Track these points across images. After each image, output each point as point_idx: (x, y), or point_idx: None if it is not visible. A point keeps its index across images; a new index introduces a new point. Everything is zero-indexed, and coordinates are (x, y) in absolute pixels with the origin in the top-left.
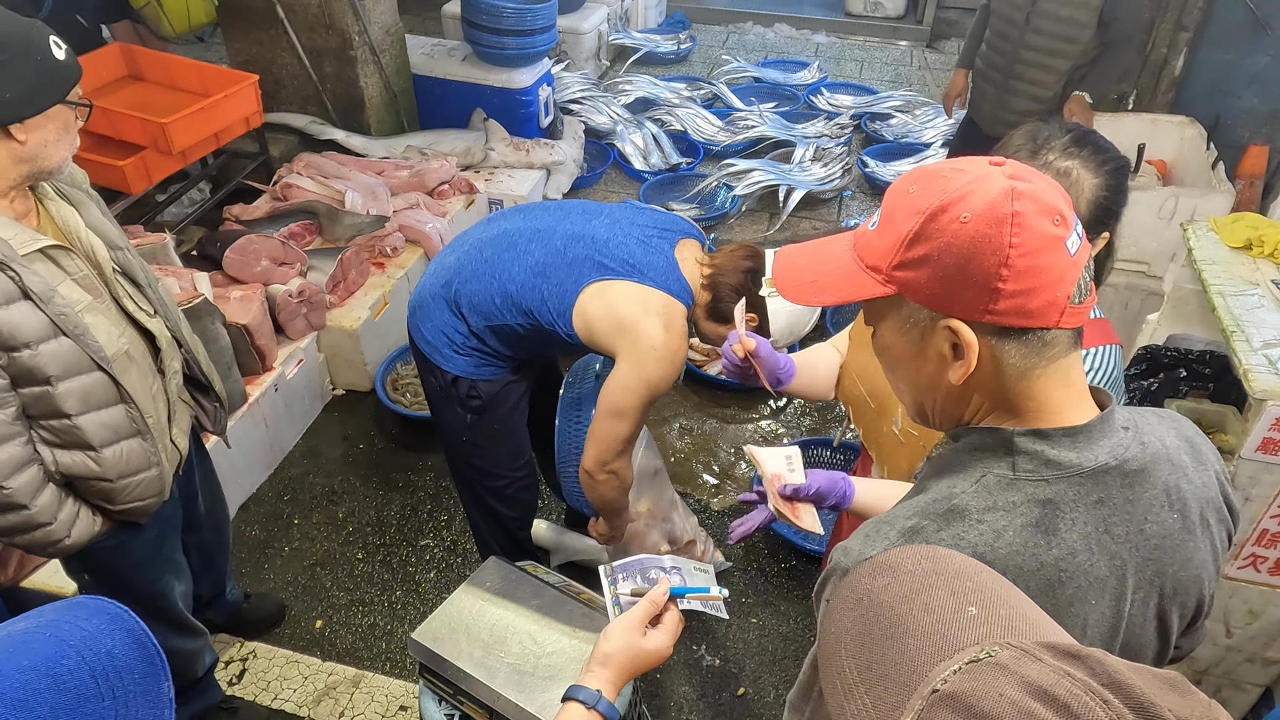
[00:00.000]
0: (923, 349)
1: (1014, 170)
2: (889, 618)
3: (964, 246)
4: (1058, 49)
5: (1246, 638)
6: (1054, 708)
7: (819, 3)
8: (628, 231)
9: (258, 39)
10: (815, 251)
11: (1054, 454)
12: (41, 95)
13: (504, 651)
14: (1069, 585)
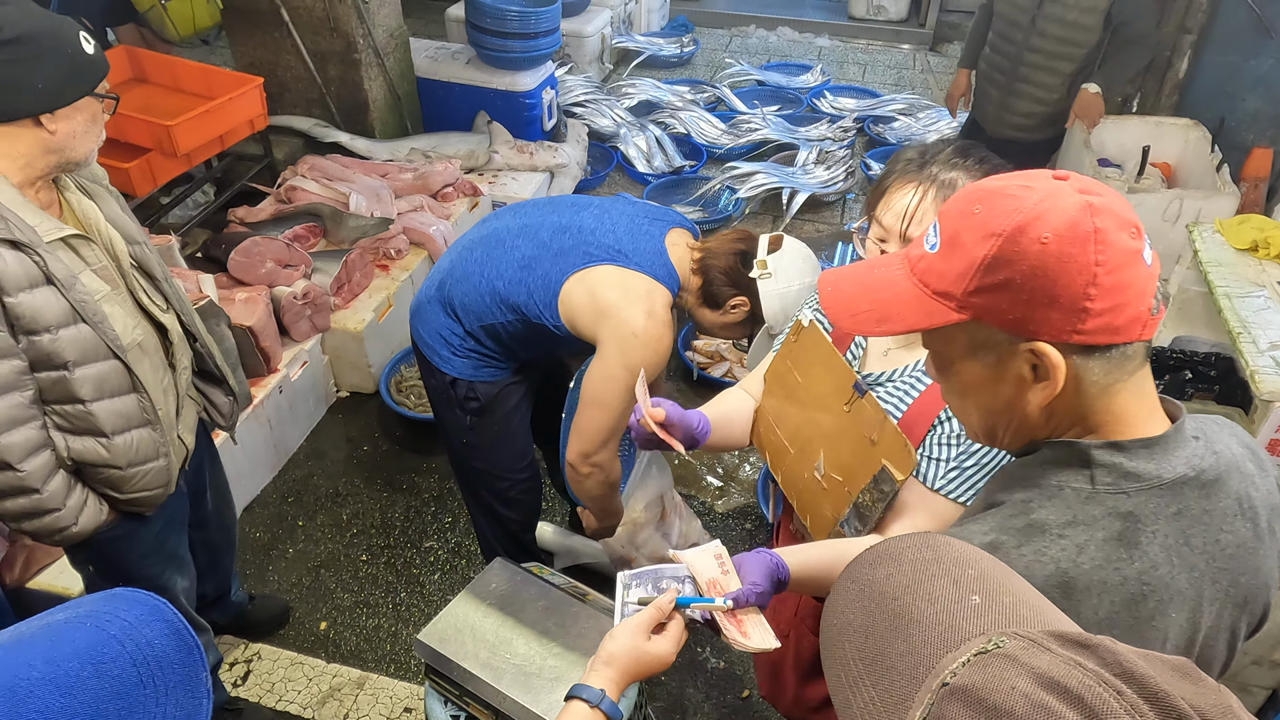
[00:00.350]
0: (1000, 373)
1: (1082, 184)
2: (893, 609)
3: (1049, 268)
4: (1063, 52)
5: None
6: (1067, 700)
7: (821, 6)
8: (616, 220)
9: (262, 42)
10: (864, 278)
11: (1132, 466)
12: (71, 87)
13: (510, 652)
14: (1151, 599)
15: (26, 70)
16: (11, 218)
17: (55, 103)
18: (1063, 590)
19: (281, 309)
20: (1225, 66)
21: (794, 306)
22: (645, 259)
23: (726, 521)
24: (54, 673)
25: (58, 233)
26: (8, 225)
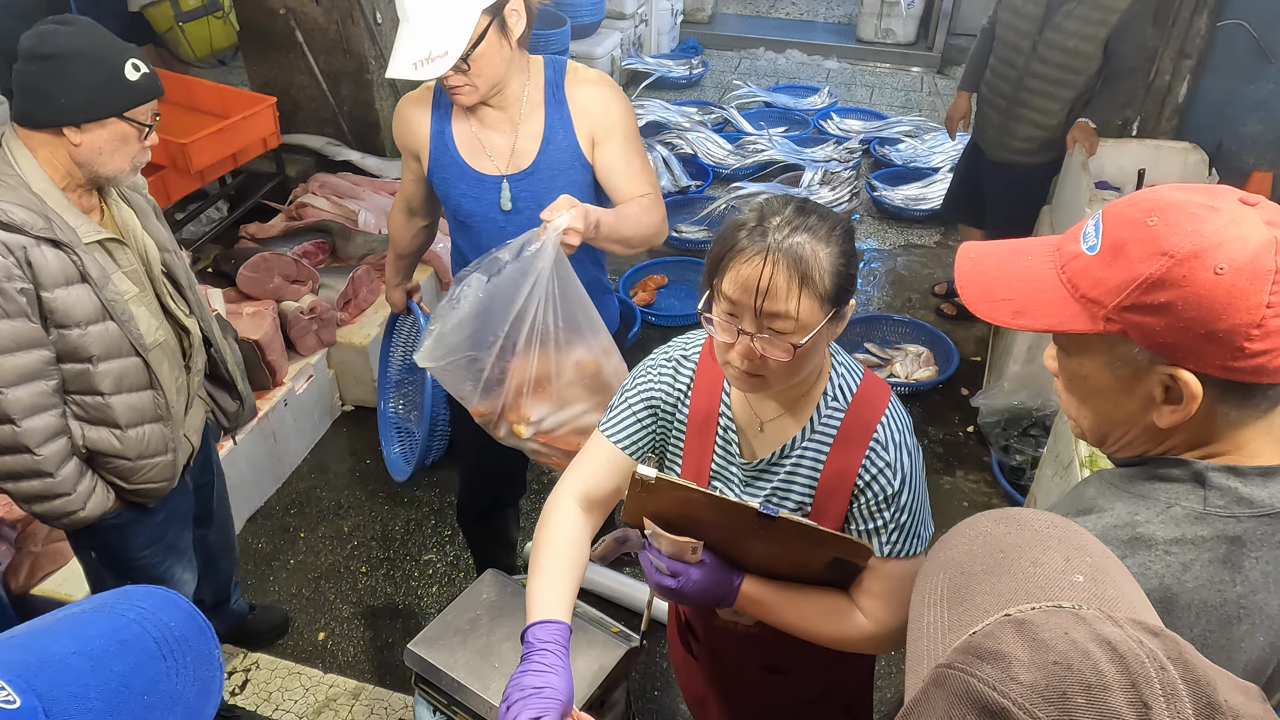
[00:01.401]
0: (1130, 387)
1: (1271, 214)
2: (996, 559)
3: (1217, 301)
4: (1063, 78)
5: None
6: (1109, 654)
7: (830, 29)
8: None
9: (277, 62)
10: (1008, 264)
11: (1247, 492)
12: (95, 107)
13: (499, 662)
14: (1245, 622)
15: (54, 84)
16: (55, 218)
17: (75, 118)
18: (1163, 605)
19: (288, 323)
20: (1225, 91)
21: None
22: None
23: None
24: (84, 648)
25: (95, 235)
26: (51, 225)
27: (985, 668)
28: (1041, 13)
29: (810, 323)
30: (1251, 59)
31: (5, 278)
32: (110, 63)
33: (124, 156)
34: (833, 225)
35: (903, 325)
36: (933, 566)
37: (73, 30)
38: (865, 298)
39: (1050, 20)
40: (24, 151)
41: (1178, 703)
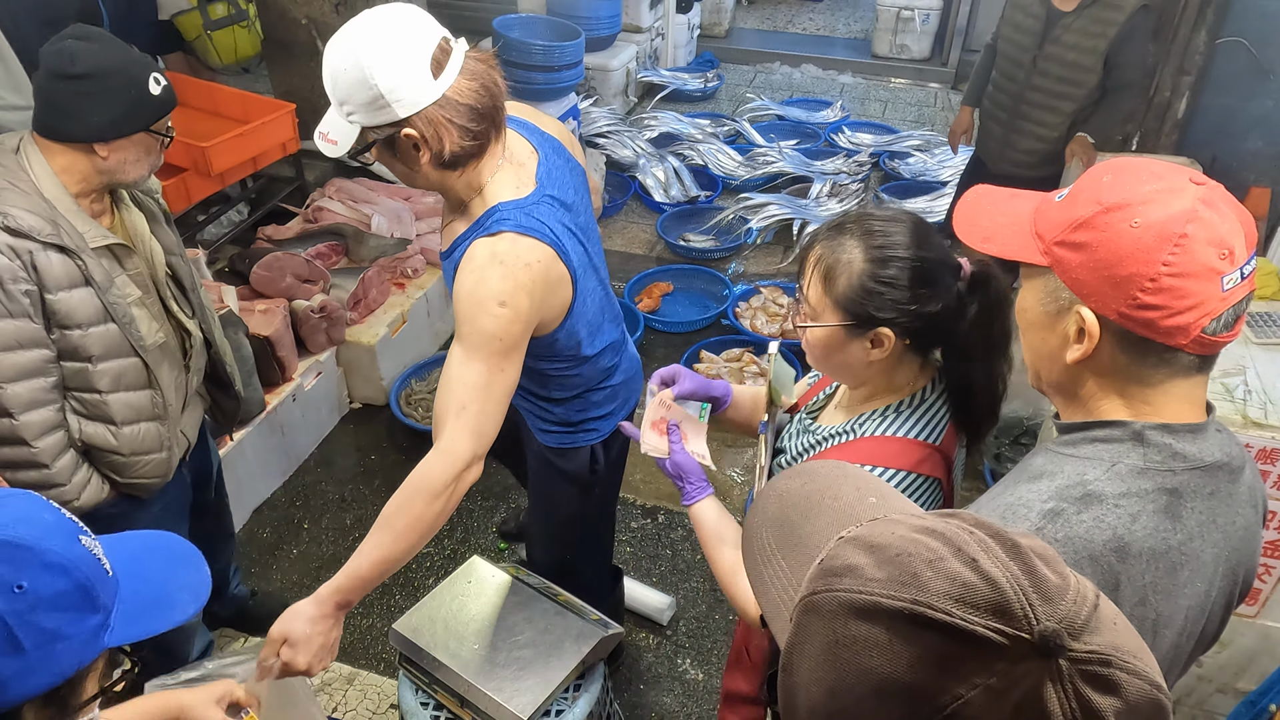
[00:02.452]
0: (1053, 323)
1: (1207, 195)
2: (804, 505)
3: (1123, 248)
4: (1064, 92)
5: (1216, 667)
6: (931, 535)
7: (846, 45)
8: None
9: (299, 70)
10: (1002, 203)
11: (1180, 447)
12: (126, 123)
13: (478, 644)
14: (1186, 568)
15: (88, 103)
16: (63, 224)
17: (108, 135)
18: (1119, 555)
19: (299, 321)
20: (1224, 107)
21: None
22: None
23: None
24: (123, 540)
25: (102, 240)
26: (59, 231)
27: (844, 580)
28: (1041, 27)
29: (819, 313)
30: (1250, 75)
31: (11, 279)
32: (137, 80)
33: (146, 165)
34: (884, 247)
35: None
36: (753, 529)
37: (99, 48)
38: None
39: (1050, 35)
40: (39, 159)
41: (991, 552)
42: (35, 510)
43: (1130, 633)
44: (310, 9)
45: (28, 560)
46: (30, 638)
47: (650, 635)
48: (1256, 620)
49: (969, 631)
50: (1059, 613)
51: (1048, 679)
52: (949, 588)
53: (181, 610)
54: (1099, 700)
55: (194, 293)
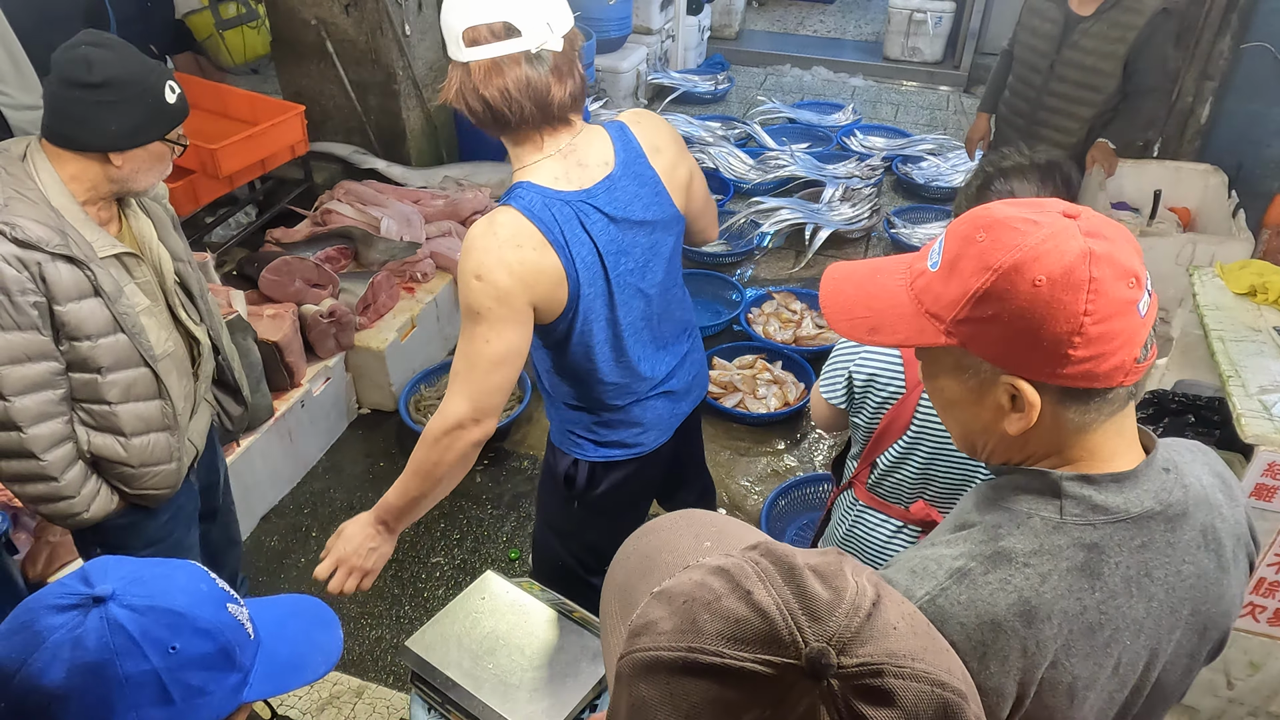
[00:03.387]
0: (980, 398)
1: (1089, 226)
2: (644, 565)
3: (1037, 311)
4: (1082, 97)
5: (1248, 690)
6: (718, 574)
7: (857, 47)
8: None
9: (308, 72)
10: (865, 282)
11: (1101, 499)
12: (143, 133)
13: (492, 663)
14: (1107, 628)
15: (107, 112)
16: (72, 233)
17: (125, 144)
18: (1024, 619)
19: (308, 326)
20: (1248, 114)
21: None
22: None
23: None
24: (272, 604)
25: (111, 250)
26: (67, 241)
27: (641, 639)
28: (1059, 32)
29: None
30: (1275, 81)
31: (19, 291)
32: (154, 88)
33: (158, 172)
34: (1033, 190)
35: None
36: (604, 598)
37: (116, 55)
38: None
39: (1068, 39)
40: (47, 166)
41: (769, 578)
42: (194, 582)
43: (915, 634)
44: (319, 10)
45: (182, 625)
46: (179, 692)
47: None
48: None
49: (737, 669)
50: (828, 630)
51: (820, 703)
52: (722, 627)
53: (313, 670)
54: (873, 714)
55: (202, 299)
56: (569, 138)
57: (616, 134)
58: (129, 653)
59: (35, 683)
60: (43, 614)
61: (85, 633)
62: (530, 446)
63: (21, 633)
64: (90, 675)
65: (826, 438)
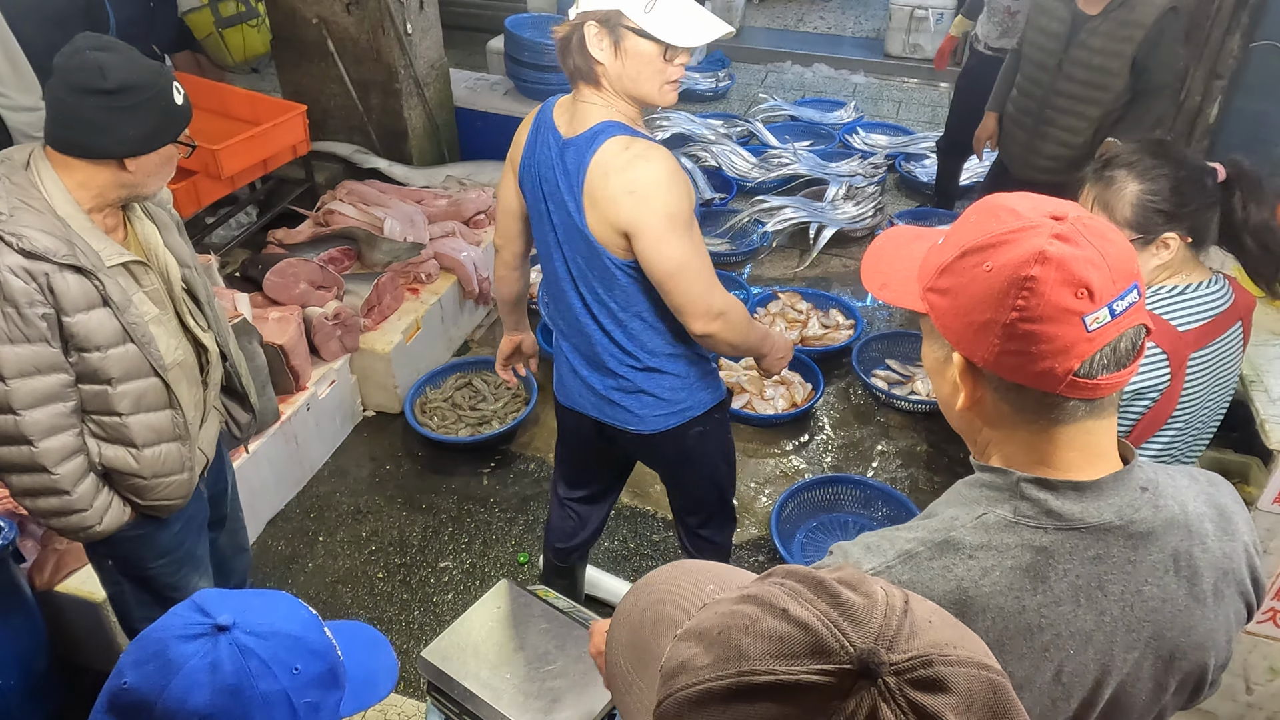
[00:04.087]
0: (944, 370)
1: (1065, 230)
2: (648, 619)
3: (977, 293)
4: (1090, 96)
5: (1268, 695)
6: (748, 601)
7: (858, 44)
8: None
9: (309, 71)
10: (902, 246)
11: (1056, 505)
12: (158, 136)
13: (510, 673)
14: (1048, 632)
15: (125, 117)
16: (79, 243)
17: (141, 149)
18: (958, 607)
19: (313, 329)
20: (1257, 112)
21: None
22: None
23: (739, 553)
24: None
25: (119, 258)
26: (74, 251)
27: (679, 679)
28: (1067, 31)
29: None
30: None
31: (28, 303)
32: (164, 91)
33: (165, 175)
34: (1158, 165)
35: None
36: (611, 658)
37: (126, 60)
38: (887, 314)
39: (1076, 38)
40: (51, 174)
41: (800, 595)
42: (295, 609)
43: (947, 625)
44: (321, 8)
45: (299, 648)
46: (303, 710)
47: None
48: None
49: (793, 684)
50: (871, 631)
51: (880, 700)
52: (767, 647)
53: (383, 688)
54: (932, 703)
55: (209, 306)
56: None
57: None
58: (262, 674)
59: (180, 706)
60: (172, 644)
61: (220, 658)
62: (537, 449)
63: (154, 661)
64: (230, 696)
65: (835, 439)
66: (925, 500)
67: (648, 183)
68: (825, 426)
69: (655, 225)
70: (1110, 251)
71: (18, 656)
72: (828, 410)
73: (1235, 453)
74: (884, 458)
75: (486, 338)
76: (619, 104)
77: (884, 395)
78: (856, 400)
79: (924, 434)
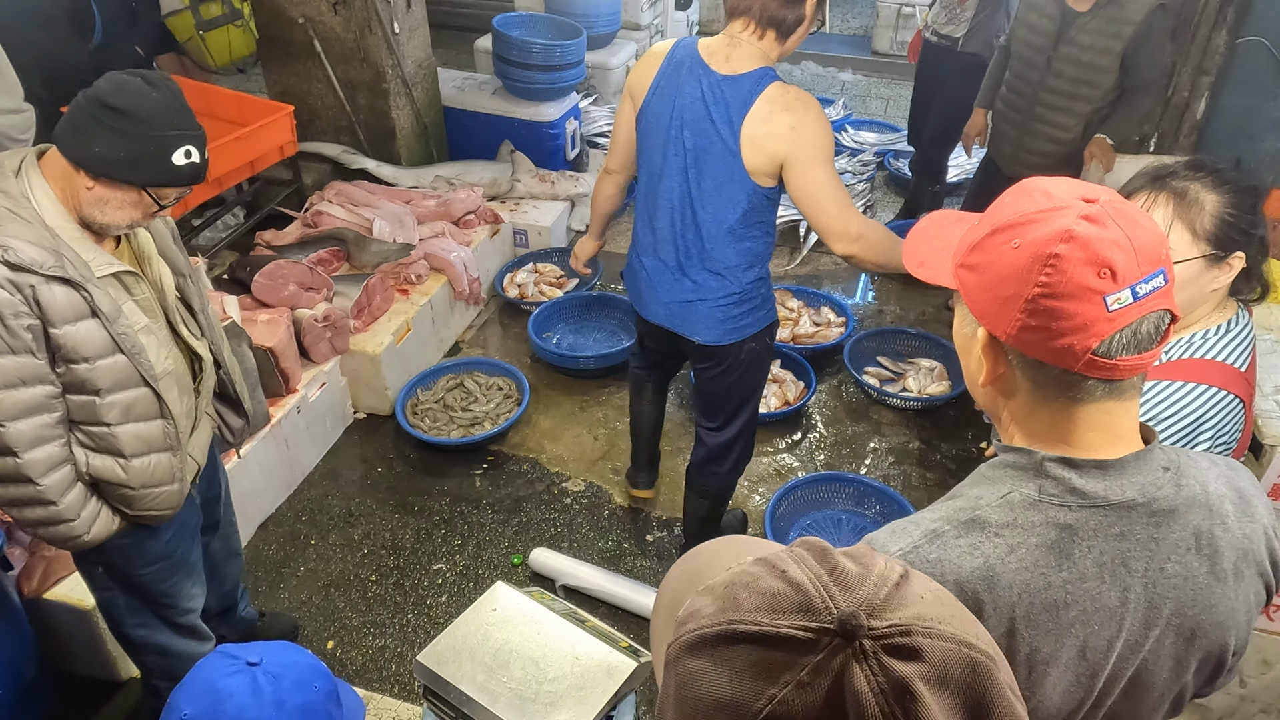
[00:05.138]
0: (970, 346)
1: (1094, 211)
2: (690, 581)
3: (1004, 269)
4: (1078, 92)
5: (1261, 688)
6: (759, 563)
7: (845, 41)
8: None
9: (295, 71)
10: (945, 229)
11: (1080, 483)
12: (119, 169)
13: (506, 676)
14: (1073, 608)
15: (99, 132)
16: (68, 253)
17: (94, 170)
18: (986, 583)
19: (302, 331)
20: (1244, 108)
21: None
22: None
23: None
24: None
25: (108, 269)
26: (62, 262)
27: (685, 626)
28: (1056, 28)
29: (1175, 250)
30: (1271, 76)
31: (12, 315)
32: (163, 139)
33: (123, 216)
34: (1224, 179)
35: (916, 339)
36: (655, 620)
37: (154, 95)
38: (878, 311)
39: (1065, 35)
40: (42, 183)
41: (802, 560)
42: (299, 649)
43: (941, 603)
44: (307, 8)
45: (313, 673)
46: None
47: None
48: None
49: (775, 634)
50: (858, 597)
51: (853, 660)
52: (760, 601)
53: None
54: (902, 668)
55: (203, 314)
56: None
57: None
58: (294, 691)
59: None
60: (218, 679)
61: (259, 684)
62: (530, 450)
63: (206, 696)
64: (275, 709)
65: (828, 436)
66: (918, 496)
67: (807, 121)
68: (818, 424)
69: (809, 156)
70: (1138, 235)
71: (6, 664)
72: (820, 408)
73: None
74: (876, 455)
75: (477, 338)
76: (773, 55)
77: (876, 393)
78: (849, 398)
79: (916, 431)
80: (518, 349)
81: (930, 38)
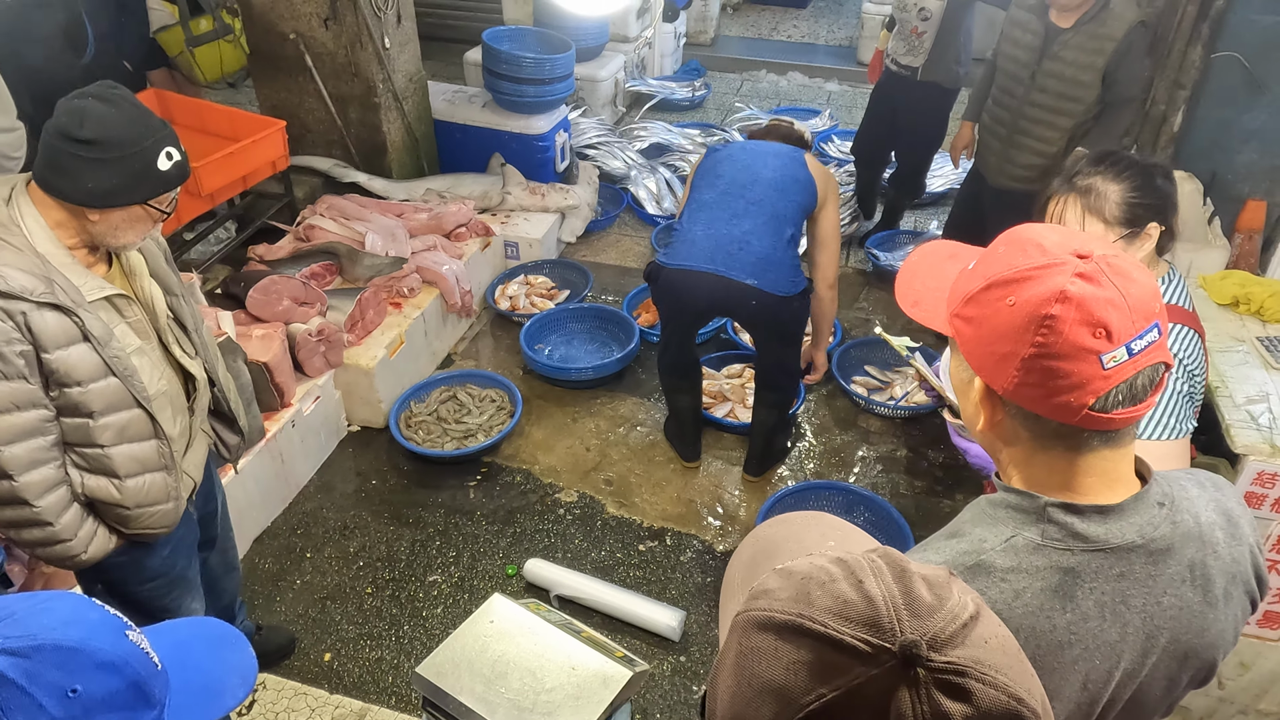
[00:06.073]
0: (967, 391)
1: (1088, 269)
2: (770, 548)
3: (999, 326)
4: (1062, 107)
5: (1238, 689)
6: (838, 563)
7: (831, 52)
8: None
9: (286, 85)
10: (937, 266)
11: (1082, 528)
12: (119, 196)
13: (505, 687)
14: (1076, 647)
15: (87, 169)
16: (59, 279)
17: (100, 204)
18: None
19: (296, 345)
20: (1219, 121)
21: None
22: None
23: (721, 562)
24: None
25: (100, 293)
26: (53, 288)
27: (759, 601)
28: (1040, 44)
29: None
30: (1244, 90)
31: (4, 341)
32: (145, 153)
33: (136, 233)
34: (1122, 167)
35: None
36: (730, 569)
37: (114, 113)
38: (865, 320)
39: (1048, 51)
40: (33, 211)
41: (880, 575)
42: (80, 610)
43: (1004, 652)
44: (298, 24)
45: (79, 663)
46: None
47: (663, 661)
48: (1279, 644)
49: (838, 640)
50: (925, 628)
51: (904, 684)
52: (831, 604)
53: (232, 695)
54: (949, 705)
55: (196, 333)
56: None
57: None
58: (18, 707)
59: None
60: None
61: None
62: (523, 461)
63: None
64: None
65: (817, 445)
66: (906, 504)
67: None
68: (806, 433)
69: (832, 201)
70: (1132, 292)
71: None
72: (809, 417)
73: (1204, 454)
74: (865, 463)
75: (469, 351)
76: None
77: (863, 401)
78: (837, 407)
79: (903, 439)
80: (510, 361)
81: (890, 66)
